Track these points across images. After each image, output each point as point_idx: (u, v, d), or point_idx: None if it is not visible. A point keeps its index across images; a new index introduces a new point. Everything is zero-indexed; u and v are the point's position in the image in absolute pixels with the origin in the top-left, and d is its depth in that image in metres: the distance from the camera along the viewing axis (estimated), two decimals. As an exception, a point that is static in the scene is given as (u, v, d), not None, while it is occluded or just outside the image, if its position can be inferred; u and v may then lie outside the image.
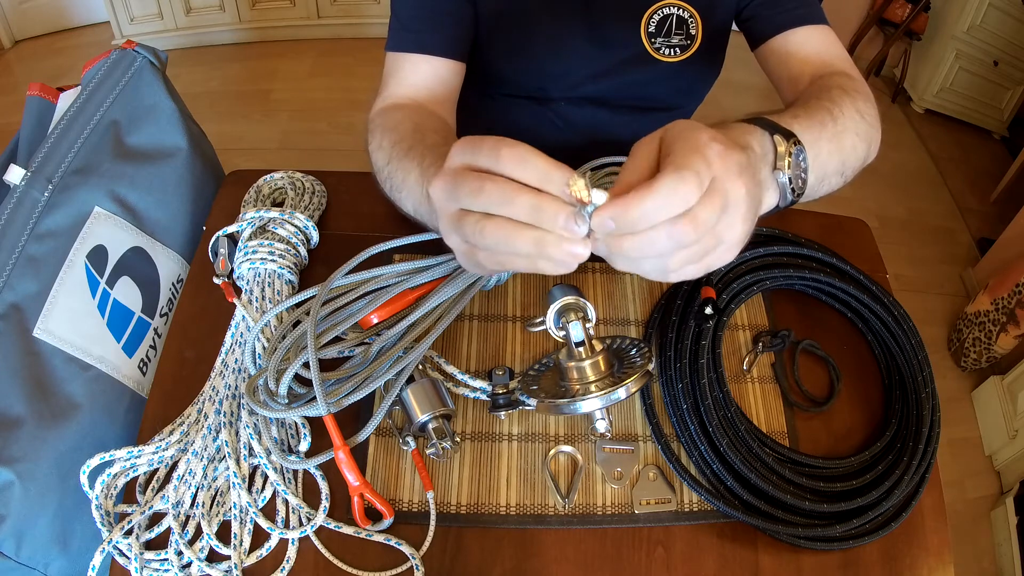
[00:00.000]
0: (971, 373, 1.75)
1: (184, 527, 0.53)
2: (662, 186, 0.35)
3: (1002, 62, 2.21)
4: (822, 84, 0.62)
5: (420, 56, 0.68)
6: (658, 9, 0.73)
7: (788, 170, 0.47)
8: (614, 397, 0.48)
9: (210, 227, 0.71)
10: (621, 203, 0.35)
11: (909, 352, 0.64)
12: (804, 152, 0.49)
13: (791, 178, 0.47)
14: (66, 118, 0.67)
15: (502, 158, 0.38)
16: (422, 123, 0.62)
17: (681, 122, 0.39)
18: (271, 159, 2.03)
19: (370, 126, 0.65)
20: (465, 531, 0.55)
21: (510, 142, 0.38)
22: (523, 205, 0.37)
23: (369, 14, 2.39)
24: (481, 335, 0.65)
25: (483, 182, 0.38)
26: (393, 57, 0.69)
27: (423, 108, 0.67)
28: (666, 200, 0.35)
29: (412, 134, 0.60)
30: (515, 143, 0.38)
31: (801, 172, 0.49)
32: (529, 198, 0.37)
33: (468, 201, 0.39)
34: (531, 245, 0.38)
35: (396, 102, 0.67)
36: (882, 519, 0.56)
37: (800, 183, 0.49)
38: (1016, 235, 1.77)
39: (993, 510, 1.52)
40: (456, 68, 0.70)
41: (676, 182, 0.35)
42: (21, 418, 0.56)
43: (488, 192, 0.37)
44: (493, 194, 0.37)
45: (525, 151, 0.37)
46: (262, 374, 0.56)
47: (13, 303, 0.58)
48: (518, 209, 0.37)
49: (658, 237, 0.36)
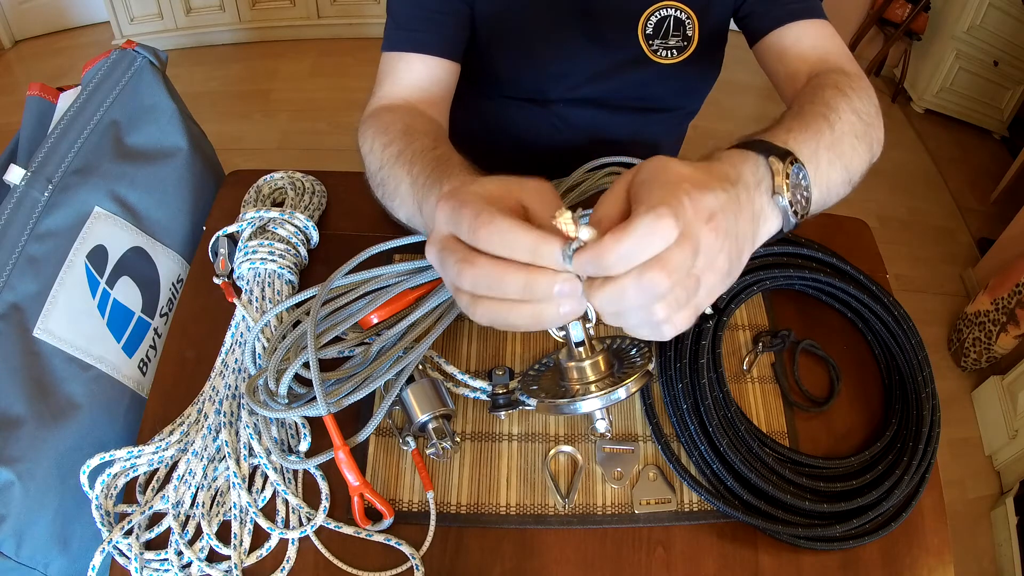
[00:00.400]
0: (971, 373, 1.75)
1: (184, 527, 0.53)
2: (640, 224, 0.33)
3: (1002, 62, 2.21)
4: (817, 84, 0.60)
5: (415, 55, 0.68)
6: (656, 11, 0.73)
7: (787, 192, 0.45)
8: (614, 397, 0.48)
9: (210, 227, 0.71)
10: (599, 244, 0.34)
11: (909, 352, 0.64)
12: (803, 170, 0.47)
13: (791, 200, 0.45)
14: (66, 118, 0.67)
15: (480, 239, 0.36)
16: (412, 124, 0.62)
17: (653, 160, 0.38)
18: (271, 159, 2.03)
19: (361, 127, 0.65)
20: (465, 531, 0.55)
21: (486, 218, 0.35)
22: (513, 285, 0.35)
23: (369, 14, 2.39)
24: (481, 335, 0.65)
25: (463, 266, 0.36)
26: (388, 57, 0.69)
27: (414, 109, 0.66)
28: (644, 238, 0.33)
29: (402, 137, 0.60)
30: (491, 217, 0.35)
31: (803, 192, 0.47)
32: (518, 277, 0.35)
33: (456, 280, 0.37)
34: (529, 319, 0.37)
35: (388, 103, 0.67)
36: (882, 519, 0.56)
37: (803, 203, 0.47)
38: (1016, 235, 1.77)
39: (993, 510, 1.52)
40: (451, 68, 0.70)
41: (654, 220, 0.33)
42: (21, 418, 0.56)
43: (472, 276, 0.36)
44: (479, 277, 0.36)
45: (506, 226, 0.35)
46: (262, 374, 0.56)
47: (13, 303, 0.58)
48: (508, 290, 0.36)
49: (627, 285, 0.34)
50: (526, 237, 0.35)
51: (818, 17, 0.68)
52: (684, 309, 0.37)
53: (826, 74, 0.62)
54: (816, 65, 0.65)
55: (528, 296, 0.36)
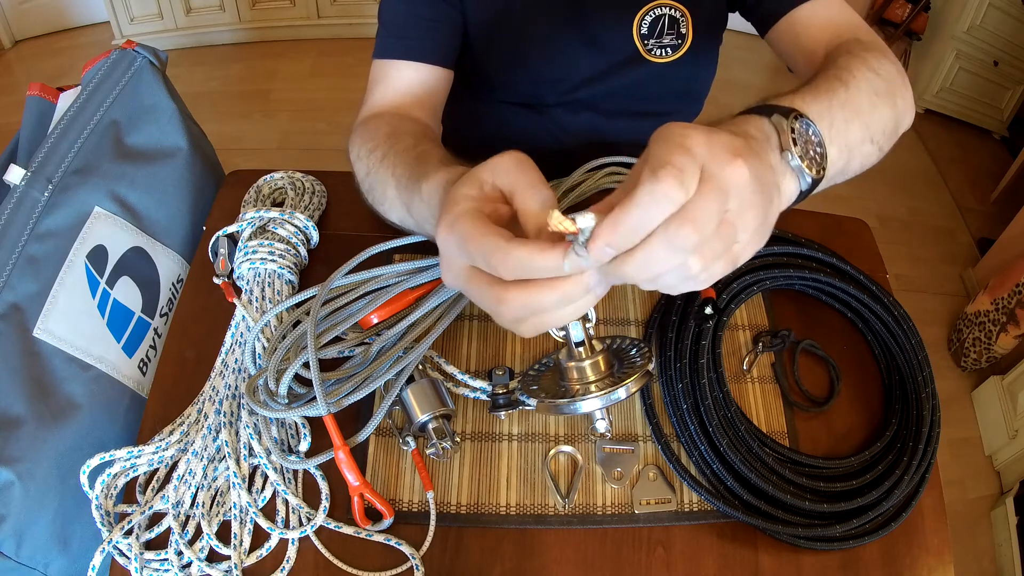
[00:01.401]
0: (971, 373, 1.75)
1: (184, 527, 0.53)
2: (640, 192, 0.32)
3: (1002, 62, 2.21)
4: (831, 55, 0.58)
5: (406, 63, 0.67)
6: (650, 10, 0.72)
7: (796, 147, 0.42)
8: (614, 397, 0.48)
9: (210, 227, 0.71)
10: (608, 224, 0.33)
11: (909, 352, 0.64)
12: (812, 125, 0.44)
13: (802, 156, 0.42)
14: (66, 118, 0.67)
15: (503, 274, 0.37)
16: (398, 128, 0.62)
17: (663, 127, 0.36)
18: (271, 159, 2.03)
19: (351, 136, 0.65)
20: (465, 531, 0.55)
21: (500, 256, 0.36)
22: (550, 301, 0.37)
23: (369, 14, 2.39)
24: (481, 335, 0.65)
25: (501, 307, 0.38)
26: (379, 64, 0.68)
27: (402, 114, 0.66)
28: (648, 205, 0.32)
29: (386, 140, 0.59)
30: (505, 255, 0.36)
31: (815, 147, 0.44)
32: (553, 295, 0.36)
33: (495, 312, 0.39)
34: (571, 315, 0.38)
35: (377, 111, 0.66)
36: (882, 519, 0.56)
37: (817, 159, 0.44)
38: (1016, 235, 1.77)
39: (993, 510, 1.52)
40: (443, 75, 0.70)
41: (652, 183, 0.32)
42: (21, 418, 0.56)
43: (510, 310, 0.38)
44: (517, 310, 0.37)
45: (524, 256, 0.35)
46: (262, 374, 0.56)
47: (13, 303, 0.58)
48: (547, 306, 0.37)
49: (656, 249, 0.33)
50: (543, 260, 0.35)
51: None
52: (723, 259, 0.35)
53: (840, 45, 0.60)
54: (833, 38, 0.63)
55: (566, 304, 0.37)
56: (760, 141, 0.41)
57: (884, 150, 0.54)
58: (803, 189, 0.44)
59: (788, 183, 0.42)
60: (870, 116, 0.51)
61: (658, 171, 0.32)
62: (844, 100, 0.49)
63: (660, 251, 0.33)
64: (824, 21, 0.65)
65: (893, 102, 0.54)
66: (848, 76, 0.51)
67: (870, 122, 0.51)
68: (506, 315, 0.38)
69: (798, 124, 0.43)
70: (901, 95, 0.56)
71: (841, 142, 0.47)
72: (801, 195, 0.44)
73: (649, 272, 0.34)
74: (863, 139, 0.50)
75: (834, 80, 0.50)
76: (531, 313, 0.38)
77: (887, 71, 0.55)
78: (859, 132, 0.49)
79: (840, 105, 0.48)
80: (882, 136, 0.53)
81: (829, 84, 0.50)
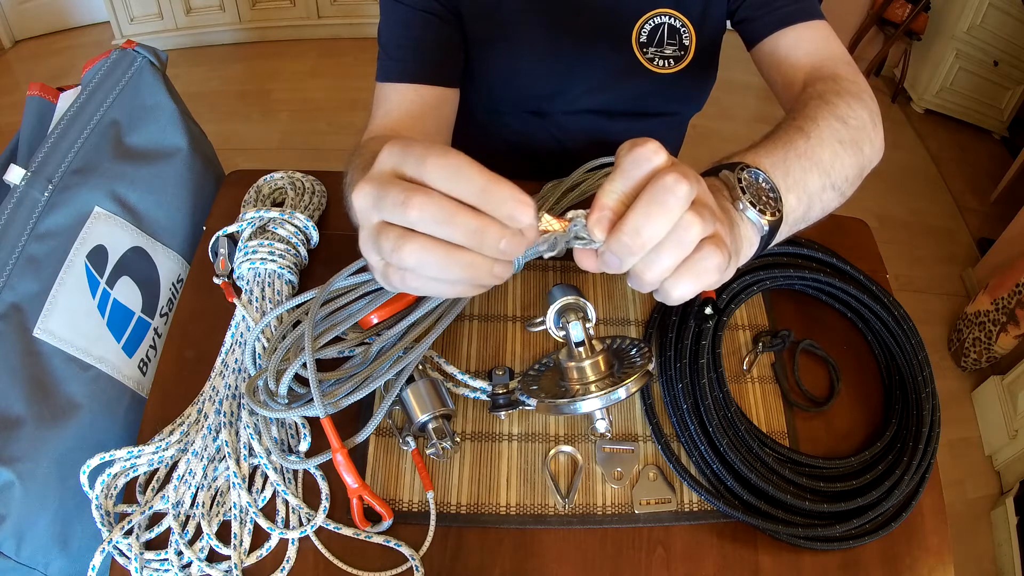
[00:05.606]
0: (971, 373, 1.75)
1: (184, 527, 0.53)
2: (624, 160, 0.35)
3: (1002, 62, 2.21)
4: (802, 99, 0.59)
5: (406, 85, 0.67)
6: (650, 19, 0.72)
7: (746, 195, 0.44)
8: (614, 397, 0.48)
9: (210, 227, 0.71)
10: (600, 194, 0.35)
11: (909, 352, 0.64)
12: (761, 174, 0.46)
13: (753, 202, 0.44)
14: (66, 118, 0.67)
15: (428, 168, 0.33)
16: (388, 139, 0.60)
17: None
18: (271, 159, 2.04)
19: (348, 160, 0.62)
20: (465, 531, 0.55)
21: (439, 150, 0.33)
22: (464, 226, 0.32)
23: (369, 14, 2.39)
24: (481, 335, 0.65)
25: (412, 194, 0.32)
26: (381, 88, 0.68)
27: (399, 134, 0.65)
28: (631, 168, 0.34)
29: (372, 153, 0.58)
30: (445, 151, 0.33)
31: (766, 193, 0.46)
32: (470, 220, 0.32)
33: (393, 214, 0.33)
34: (459, 271, 0.33)
35: (378, 133, 0.65)
36: (882, 519, 0.56)
37: (771, 203, 0.45)
38: (1016, 235, 1.77)
39: (993, 510, 1.52)
40: (446, 94, 0.69)
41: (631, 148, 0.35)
42: (21, 418, 0.56)
43: (418, 206, 0.32)
44: (426, 209, 0.32)
45: (459, 162, 0.32)
46: (262, 374, 0.56)
47: (13, 303, 0.58)
48: (455, 231, 0.32)
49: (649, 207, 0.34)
50: (479, 174, 0.32)
51: (814, 18, 0.67)
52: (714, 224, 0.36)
53: (814, 84, 0.61)
54: (811, 72, 0.64)
55: (474, 243, 0.33)
56: (714, 190, 0.43)
57: (847, 195, 0.56)
58: (763, 234, 0.46)
59: (746, 228, 0.45)
60: (831, 165, 0.53)
61: (635, 142, 0.35)
62: (803, 150, 0.51)
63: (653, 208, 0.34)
64: (807, 51, 0.66)
65: (858, 149, 0.56)
66: (811, 127, 0.53)
67: (831, 170, 0.53)
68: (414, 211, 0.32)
69: (745, 174, 0.45)
70: (869, 140, 0.58)
71: (799, 190, 0.50)
72: (763, 241, 0.46)
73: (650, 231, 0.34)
74: (823, 187, 0.52)
75: (794, 131, 0.52)
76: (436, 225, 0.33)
77: (856, 118, 0.57)
78: (818, 180, 0.52)
79: (798, 156, 0.50)
80: (844, 183, 0.55)
81: (788, 136, 0.52)
